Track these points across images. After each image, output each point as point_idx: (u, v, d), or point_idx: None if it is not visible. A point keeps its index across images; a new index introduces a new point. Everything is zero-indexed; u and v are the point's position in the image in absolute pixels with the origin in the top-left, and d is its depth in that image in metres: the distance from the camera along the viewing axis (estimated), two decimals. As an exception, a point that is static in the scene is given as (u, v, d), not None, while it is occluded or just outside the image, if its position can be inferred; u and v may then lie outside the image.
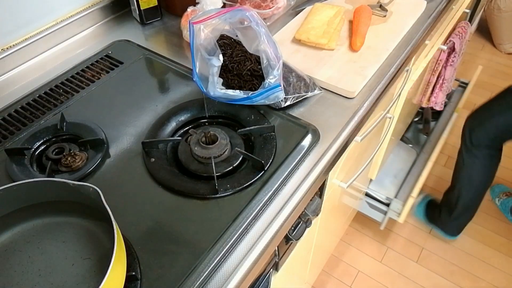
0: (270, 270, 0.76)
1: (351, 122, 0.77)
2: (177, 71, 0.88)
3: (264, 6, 1.02)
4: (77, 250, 0.55)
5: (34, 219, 0.59)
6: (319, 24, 0.93)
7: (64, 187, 0.54)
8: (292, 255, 0.89)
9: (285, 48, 0.92)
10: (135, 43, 0.97)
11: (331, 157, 0.72)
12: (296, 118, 0.76)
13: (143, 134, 0.74)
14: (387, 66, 0.89)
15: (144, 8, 1.00)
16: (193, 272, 0.55)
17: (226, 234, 0.59)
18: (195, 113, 0.78)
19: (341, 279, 1.59)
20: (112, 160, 0.70)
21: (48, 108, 0.80)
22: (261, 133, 0.72)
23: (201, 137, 0.69)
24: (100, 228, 0.57)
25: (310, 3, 1.03)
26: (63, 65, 0.91)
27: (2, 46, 0.87)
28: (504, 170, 1.89)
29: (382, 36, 0.94)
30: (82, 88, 0.85)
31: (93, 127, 0.75)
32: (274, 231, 0.62)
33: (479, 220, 1.74)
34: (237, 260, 0.58)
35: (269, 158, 0.68)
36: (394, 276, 1.59)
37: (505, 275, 1.58)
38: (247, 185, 0.65)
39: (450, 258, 1.63)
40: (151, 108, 0.79)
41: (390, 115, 1.14)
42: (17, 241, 0.57)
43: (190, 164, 0.68)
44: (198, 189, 0.64)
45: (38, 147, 0.73)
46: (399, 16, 1.00)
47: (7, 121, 0.78)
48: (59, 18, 0.95)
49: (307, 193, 0.67)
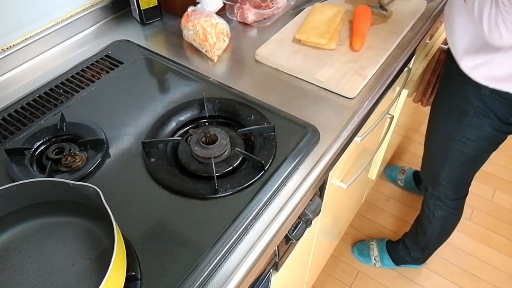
0: (270, 270, 0.76)
1: (351, 122, 0.77)
2: (177, 71, 0.88)
3: (264, 6, 1.02)
4: (77, 250, 0.55)
5: (34, 219, 0.59)
6: (319, 24, 0.93)
7: (64, 187, 0.54)
8: (292, 255, 0.89)
9: (285, 48, 0.92)
10: (135, 43, 0.97)
11: (331, 157, 0.72)
12: (296, 118, 0.76)
13: (143, 134, 0.74)
14: (387, 66, 0.89)
15: (144, 8, 1.00)
16: (193, 272, 0.55)
17: (226, 234, 0.59)
18: (195, 113, 0.78)
19: (341, 279, 1.59)
20: (112, 160, 0.70)
21: (48, 108, 0.80)
22: (261, 133, 0.72)
23: (201, 137, 0.69)
24: (100, 228, 0.57)
25: (310, 3, 1.04)
26: (63, 65, 0.91)
27: (2, 46, 0.87)
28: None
29: (382, 36, 0.94)
30: (82, 88, 0.85)
31: (93, 127, 0.75)
32: (274, 231, 0.62)
33: (479, 220, 1.74)
34: (237, 260, 0.58)
35: (269, 158, 0.68)
36: (394, 276, 1.59)
37: (505, 275, 1.58)
38: (247, 185, 0.65)
39: (450, 258, 1.63)
40: (151, 108, 0.79)
41: (390, 115, 1.14)
42: (17, 241, 0.57)
43: (190, 164, 0.68)
44: (198, 189, 0.64)
45: (38, 147, 0.73)
46: (399, 16, 1.00)
47: (7, 121, 0.78)
48: (59, 18, 0.95)
49: (307, 193, 0.67)
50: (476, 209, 1.78)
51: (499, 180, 1.88)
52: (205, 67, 0.90)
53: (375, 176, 1.54)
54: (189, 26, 0.93)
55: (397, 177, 1.85)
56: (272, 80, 0.86)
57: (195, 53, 0.94)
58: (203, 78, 0.86)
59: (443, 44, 1.31)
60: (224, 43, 0.94)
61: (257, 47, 0.92)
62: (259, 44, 0.93)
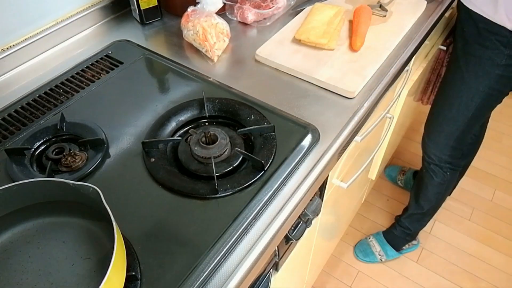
0: (270, 270, 0.76)
1: (351, 122, 0.77)
2: (177, 71, 0.88)
3: (264, 6, 1.02)
4: (77, 250, 0.55)
5: (34, 219, 0.59)
6: (319, 24, 0.93)
7: (64, 187, 0.54)
8: (292, 255, 0.89)
9: (285, 48, 0.92)
10: (135, 43, 0.97)
11: (331, 157, 0.72)
12: (296, 118, 0.76)
13: (143, 134, 0.74)
14: (387, 66, 0.89)
15: (144, 8, 1.00)
16: (193, 272, 0.55)
17: (226, 234, 0.59)
18: (195, 113, 0.78)
19: (341, 279, 1.59)
20: (112, 160, 0.70)
21: (48, 108, 0.80)
22: (261, 133, 0.72)
23: (201, 137, 0.69)
24: (100, 228, 0.57)
25: (310, 3, 1.04)
26: (63, 65, 0.91)
27: (2, 46, 0.87)
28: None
29: (382, 36, 0.94)
30: (82, 88, 0.85)
31: (93, 127, 0.74)
32: (274, 231, 0.62)
33: (479, 220, 1.74)
34: (237, 260, 0.58)
35: (269, 158, 0.68)
36: (394, 276, 1.59)
37: (505, 275, 1.58)
38: (247, 185, 0.65)
39: (450, 258, 1.63)
40: (151, 108, 0.79)
41: (390, 115, 1.14)
42: (17, 241, 0.57)
43: (190, 164, 0.68)
44: (198, 189, 0.64)
45: (38, 147, 0.73)
46: (399, 16, 1.00)
47: (7, 121, 0.78)
48: (59, 18, 0.95)
49: (307, 193, 0.67)
50: (476, 209, 1.78)
51: (499, 180, 1.88)
52: (205, 67, 0.90)
53: (375, 176, 1.54)
54: (189, 26, 0.93)
55: (397, 177, 1.85)
56: (272, 80, 0.86)
57: (195, 53, 0.94)
58: (203, 78, 0.86)
59: (442, 45, 1.31)
60: (224, 43, 0.94)
61: (257, 47, 0.92)
62: (259, 44, 0.93)
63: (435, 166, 1.32)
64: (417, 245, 1.65)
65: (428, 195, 1.42)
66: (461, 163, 1.33)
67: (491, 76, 1.04)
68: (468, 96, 1.11)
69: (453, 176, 1.35)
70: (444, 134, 1.23)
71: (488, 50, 1.00)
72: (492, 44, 0.99)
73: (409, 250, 1.64)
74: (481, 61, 1.03)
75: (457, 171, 1.35)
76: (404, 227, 1.56)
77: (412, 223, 1.54)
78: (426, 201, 1.44)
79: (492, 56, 1.00)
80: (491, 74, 1.03)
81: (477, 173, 1.89)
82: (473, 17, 0.99)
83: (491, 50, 1.00)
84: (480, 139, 1.51)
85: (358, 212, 1.78)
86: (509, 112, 2.16)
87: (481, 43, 1.01)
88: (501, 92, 1.09)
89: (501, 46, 0.98)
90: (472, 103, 1.11)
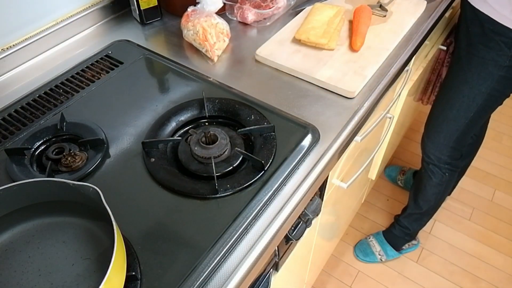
0: (270, 270, 0.76)
1: (351, 122, 0.77)
2: (177, 71, 0.88)
3: (264, 6, 1.02)
4: (77, 250, 0.55)
5: (34, 219, 0.59)
6: (319, 24, 0.93)
7: (64, 187, 0.54)
8: (292, 255, 0.89)
9: (285, 48, 0.92)
10: (135, 43, 0.97)
11: (331, 157, 0.72)
12: (296, 118, 0.76)
13: (143, 134, 0.74)
14: (387, 66, 0.89)
15: (144, 8, 1.00)
16: (193, 272, 0.55)
17: (226, 234, 0.59)
18: (195, 113, 0.78)
19: (341, 279, 1.59)
20: (112, 160, 0.70)
21: (48, 108, 0.80)
22: (261, 133, 0.72)
23: (201, 137, 0.69)
24: (100, 228, 0.57)
25: (310, 3, 1.03)
26: (63, 65, 0.91)
27: (2, 46, 0.87)
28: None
29: (382, 36, 0.94)
30: (82, 88, 0.85)
31: (93, 127, 0.75)
32: (274, 231, 0.62)
33: (479, 220, 1.74)
34: (237, 260, 0.58)
35: (269, 158, 0.68)
36: (394, 276, 1.59)
37: (505, 275, 1.58)
38: (247, 185, 0.65)
39: (450, 258, 1.63)
40: (151, 108, 0.79)
41: (390, 115, 1.14)
42: (17, 241, 0.57)
43: (190, 164, 0.68)
44: (198, 189, 0.64)
45: (38, 147, 0.73)
46: (399, 16, 1.00)
47: (7, 121, 0.78)
48: (59, 18, 0.95)
49: (307, 193, 0.67)
50: (476, 209, 1.78)
51: (499, 180, 1.88)
52: (205, 67, 0.90)
53: (375, 176, 1.54)
54: (189, 26, 0.93)
55: (397, 177, 1.85)
56: (272, 80, 0.86)
57: (195, 53, 0.94)
58: (203, 78, 0.86)
59: (443, 45, 1.31)
60: (224, 43, 0.94)
61: (257, 47, 0.92)
62: (259, 44, 0.93)
63: (434, 166, 1.32)
64: (417, 245, 1.65)
65: (426, 195, 1.42)
66: (460, 164, 1.33)
67: (494, 78, 1.03)
68: (469, 97, 1.11)
69: (451, 177, 1.35)
70: (444, 134, 1.23)
71: (492, 51, 1.00)
72: (496, 45, 0.99)
73: (409, 250, 1.64)
74: (485, 62, 1.03)
75: (455, 172, 1.35)
76: (403, 226, 1.56)
77: (410, 223, 1.54)
78: (424, 201, 1.44)
79: (495, 57, 1.00)
80: (494, 76, 1.03)
81: (477, 173, 1.89)
82: (480, 17, 0.99)
83: (495, 51, 1.00)
84: (480, 139, 1.51)
85: (358, 212, 1.78)
86: (509, 112, 2.16)
87: (485, 43, 1.01)
88: (503, 93, 1.09)
89: (505, 48, 0.98)
90: (474, 104, 1.11)
